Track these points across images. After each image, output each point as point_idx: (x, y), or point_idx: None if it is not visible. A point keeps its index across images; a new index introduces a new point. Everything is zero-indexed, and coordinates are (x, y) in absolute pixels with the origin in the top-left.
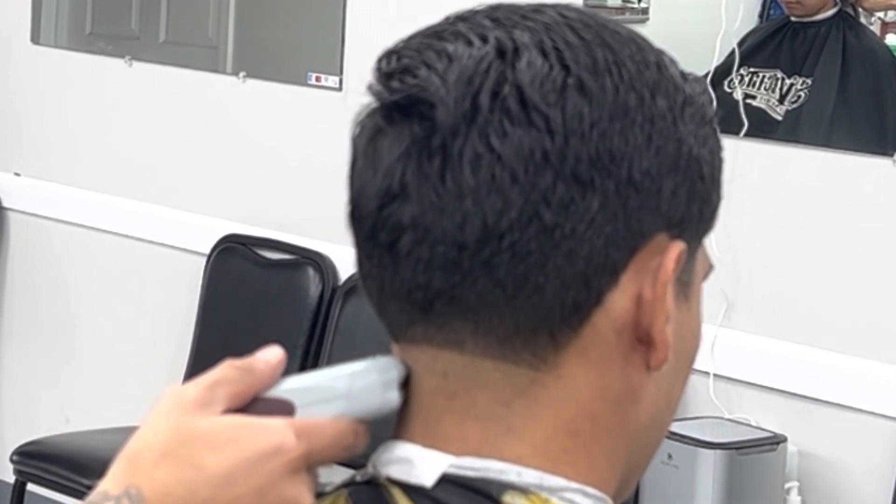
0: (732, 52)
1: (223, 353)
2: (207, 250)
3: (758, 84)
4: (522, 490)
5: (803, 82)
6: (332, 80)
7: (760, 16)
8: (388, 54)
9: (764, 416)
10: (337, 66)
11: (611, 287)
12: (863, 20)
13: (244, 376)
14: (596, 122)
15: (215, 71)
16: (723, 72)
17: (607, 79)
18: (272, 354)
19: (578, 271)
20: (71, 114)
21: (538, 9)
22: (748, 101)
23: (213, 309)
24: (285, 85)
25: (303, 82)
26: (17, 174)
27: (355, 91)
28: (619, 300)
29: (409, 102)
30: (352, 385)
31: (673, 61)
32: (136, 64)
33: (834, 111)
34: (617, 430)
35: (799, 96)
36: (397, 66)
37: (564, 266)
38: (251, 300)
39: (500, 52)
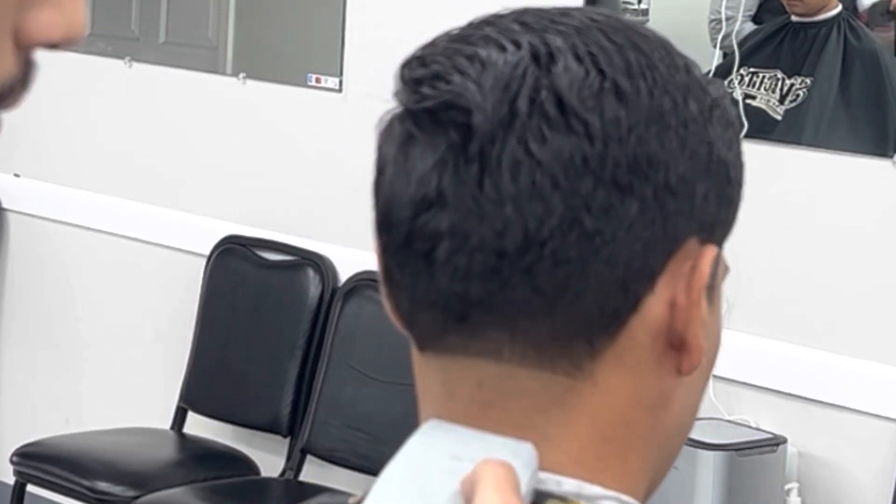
0: (732, 53)
1: (223, 354)
2: (208, 251)
3: (758, 84)
4: (562, 499)
5: (802, 81)
6: (333, 81)
7: (753, 18)
8: (414, 60)
9: (764, 418)
10: (337, 67)
11: (647, 293)
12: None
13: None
14: (633, 126)
15: (215, 72)
16: (723, 72)
17: (641, 82)
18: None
19: (617, 277)
20: (71, 115)
21: (565, 12)
22: (748, 101)
23: (213, 309)
24: (285, 86)
25: (303, 83)
26: (16, 175)
27: (355, 92)
28: (654, 306)
29: (443, 109)
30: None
31: (696, 64)
32: (136, 65)
33: (834, 112)
34: (649, 437)
35: (798, 95)
36: (427, 72)
37: (604, 272)
38: (251, 301)
39: (535, 57)
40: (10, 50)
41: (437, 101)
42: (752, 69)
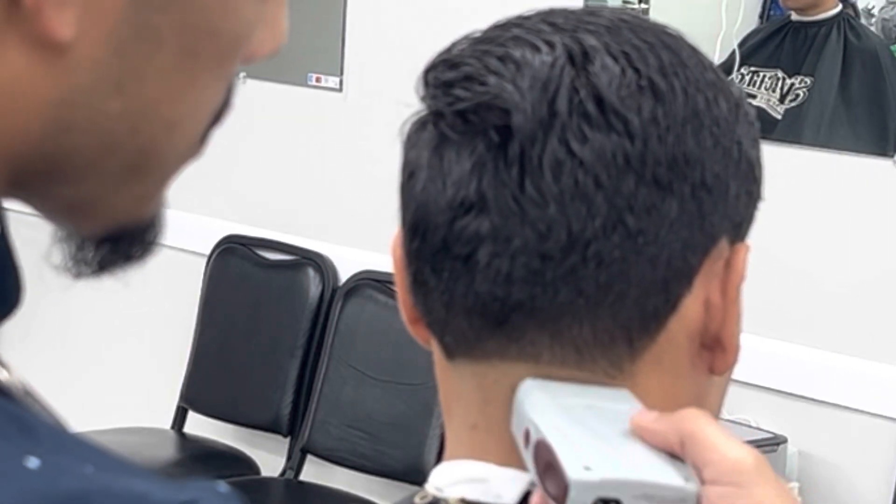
0: (732, 53)
1: (223, 353)
2: (208, 251)
3: (758, 83)
4: None
5: (802, 81)
6: (333, 81)
7: (761, 16)
8: (441, 63)
9: (764, 417)
10: (337, 67)
11: (686, 292)
12: (863, 21)
13: None
14: (671, 125)
15: None
16: (723, 71)
17: (675, 81)
18: None
19: (659, 277)
20: None
21: (593, 12)
22: (748, 100)
23: (213, 309)
24: (285, 85)
25: (303, 83)
26: None
27: (355, 92)
28: (691, 305)
29: (479, 110)
30: None
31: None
32: None
33: (834, 111)
34: None
35: (798, 94)
36: (458, 75)
37: (646, 272)
38: (251, 300)
39: (570, 57)
40: None
41: (472, 103)
42: (752, 68)
